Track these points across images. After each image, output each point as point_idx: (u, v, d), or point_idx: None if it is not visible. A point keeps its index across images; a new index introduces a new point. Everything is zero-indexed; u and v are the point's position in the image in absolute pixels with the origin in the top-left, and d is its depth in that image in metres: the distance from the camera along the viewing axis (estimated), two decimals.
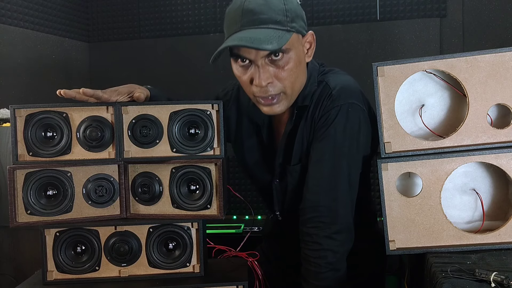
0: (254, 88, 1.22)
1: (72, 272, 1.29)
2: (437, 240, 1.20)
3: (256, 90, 1.22)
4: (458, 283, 0.96)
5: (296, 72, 1.22)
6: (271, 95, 1.22)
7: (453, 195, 1.27)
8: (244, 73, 1.23)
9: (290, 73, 1.21)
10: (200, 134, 1.29)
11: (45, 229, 1.27)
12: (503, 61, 1.18)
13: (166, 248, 1.30)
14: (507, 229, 1.17)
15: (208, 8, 2.68)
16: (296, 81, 1.24)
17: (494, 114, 1.24)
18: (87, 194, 1.30)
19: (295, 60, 1.21)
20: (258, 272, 1.44)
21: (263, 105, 1.25)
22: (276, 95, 1.22)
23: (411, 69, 1.21)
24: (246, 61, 1.21)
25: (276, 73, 1.20)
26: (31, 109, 1.26)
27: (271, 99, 1.23)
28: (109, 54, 2.81)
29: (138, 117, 1.29)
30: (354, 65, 2.47)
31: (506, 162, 1.17)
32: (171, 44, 2.73)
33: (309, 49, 1.28)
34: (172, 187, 1.30)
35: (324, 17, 2.54)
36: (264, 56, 1.18)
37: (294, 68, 1.22)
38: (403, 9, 2.44)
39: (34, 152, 1.27)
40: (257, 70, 1.19)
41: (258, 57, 1.18)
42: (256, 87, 1.21)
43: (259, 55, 1.17)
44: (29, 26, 2.34)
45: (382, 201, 1.21)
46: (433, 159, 1.19)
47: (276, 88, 1.22)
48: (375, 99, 1.22)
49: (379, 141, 1.23)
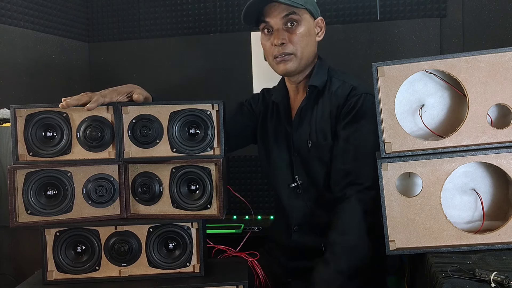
0: (273, 49, 1.51)
1: (72, 272, 1.29)
2: (437, 240, 1.20)
3: (275, 50, 1.50)
4: (458, 283, 0.96)
5: (305, 40, 1.51)
6: (285, 53, 1.49)
7: (453, 195, 1.27)
8: (268, 40, 1.53)
9: (301, 39, 1.50)
10: (200, 134, 1.29)
11: (45, 229, 1.27)
12: (503, 61, 1.18)
13: (166, 248, 1.30)
14: (507, 229, 1.17)
15: (208, 8, 2.68)
16: (305, 48, 1.52)
17: (494, 114, 1.24)
18: (87, 194, 1.30)
19: (305, 31, 1.51)
20: (258, 272, 1.44)
21: (278, 63, 1.52)
22: (288, 54, 1.50)
23: (411, 69, 1.21)
24: (270, 30, 1.51)
25: (290, 37, 1.49)
26: (32, 109, 1.26)
27: (285, 56, 1.50)
28: (109, 54, 2.81)
29: (138, 117, 1.29)
30: (354, 65, 2.47)
31: (506, 162, 1.17)
32: (171, 44, 2.73)
33: (320, 32, 1.59)
34: (172, 187, 1.30)
35: (324, 17, 2.53)
36: (282, 21, 1.48)
37: (305, 36, 1.50)
38: (403, 9, 2.44)
39: (35, 152, 1.27)
40: (276, 33, 1.49)
41: (277, 21, 1.48)
42: (275, 47, 1.50)
43: (278, 18, 1.48)
44: (29, 26, 2.34)
45: (382, 201, 1.21)
46: (433, 159, 1.19)
47: (289, 49, 1.49)
48: (375, 99, 1.22)
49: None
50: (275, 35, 1.49)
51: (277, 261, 1.66)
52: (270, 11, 1.48)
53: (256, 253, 1.46)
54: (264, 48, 1.57)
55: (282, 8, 1.47)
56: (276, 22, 1.49)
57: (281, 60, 1.50)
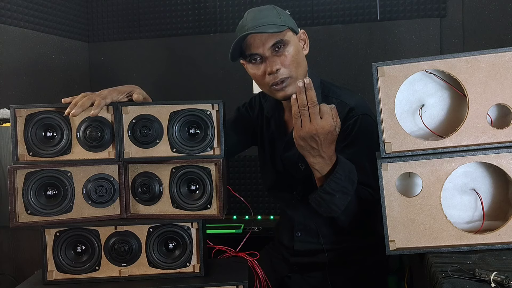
0: (267, 78, 1.46)
1: (72, 272, 1.29)
2: (437, 240, 1.20)
3: (270, 78, 1.45)
4: (458, 283, 0.96)
5: (297, 59, 1.47)
6: (281, 79, 1.45)
7: (453, 195, 1.27)
8: (258, 69, 1.48)
9: (293, 59, 1.45)
10: (200, 134, 1.29)
11: (45, 229, 1.27)
12: (503, 61, 1.18)
13: (166, 248, 1.30)
14: (507, 229, 1.17)
15: (208, 8, 2.68)
16: (298, 66, 1.48)
17: (494, 114, 1.24)
18: (87, 194, 1.30)
19: (294, 50, 1.47)
20: (258, 272, 1.44)
21: (277, 91, 1.47)
22: (285, 78, 1.45)
23: (411, 69, 1.21)
24: (257, 59, 1.46)
25: (282, 61, 1.44)
26: (31, 109, 1.27)
27: (282, 82, 1.45)
28: (109, 54, 2.81)
29: (138, 117, 1.29)
30: (354, 65, 2.47)
31: (506, 162, 1.17)
32: (171, 44, 2.73)
33: (305, 44, 1.55)
34: (172, 187, 1.30)
35: (324, 17, 2.54)
36: (270, 49, 1.44)
37: (295, 55, 1.46)
38: (403, 9, 2.44)
39: (34, 152, 1.27)
40: (267, 61, 1.45)
41: (265, 50, 1.43)
42: (269, 76, 1.45)
43: (266, 47, 1.43)
44: (29, 26, 2.34)
45: (382, 201, 1.21)
46: (433, 159, 1.19)
47: (284, 73, 1.45)
48: (375, 99, 1.22)
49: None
50: (268, 64, 1.44)
51: (280, 256, 1.68)
52: (255, 42, 1.43)
53: (256, 253, 1.46)
54: (255, 77, 1.51)
55: (266, 37, 1.42)
56: (264, 52, 1.44)
57: (280, 88, 1.46)
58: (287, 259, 1.65)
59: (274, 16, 1.45)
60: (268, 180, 1.71)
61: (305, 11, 2.57)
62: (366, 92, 1.38)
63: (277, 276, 1.65)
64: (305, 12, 2.57)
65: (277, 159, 1.65)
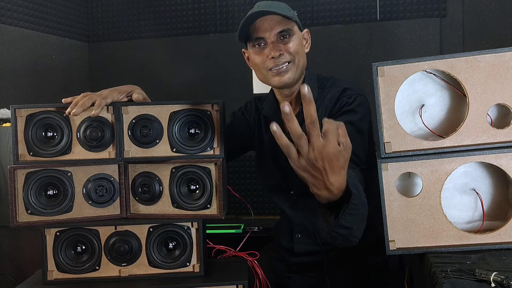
0: (268, 62, 1.48)
1: (72, 272, 1.29)
2: (437, 240, 1.20)
3: (270, 62, 1.48)
4: (458, 283, 0.96)
5: (300, 49, 1.52)
6: (282, 62, 1.47)
7: (453, 195, 1.27)
8: (260, 54, 1.50)
9: (296, 48, 1.49)
10: (200, 134, 1.29)
11: (45, 229, 1.27)
12: (503, 61, 1.18)
13: (166, 248, 1.30)
14: (507, 229, 1.17)
15: (208, 8, 2.68)
16: (301, 56, 1.51)
17: (494, 114, 1.24)
18: (87, 194, 1.30)
19: (298, 41, 1.51)
20: (258, 272, 1.44)
21: (274, 75, 1.49)
22: (286, 62, 1.48)
23: (411, 69, 1.21)
24: (262, 44, 1.49)
25: (285, 47, 1.48)
26: (32, 109, 1.27)
27: (281, 66, 1.48)
28: (109, 54, 2.82)
29: (138, 117, 1.29)
30: (354, 65, 2.47)
31: (506, 162, 1.17)
32: (171, 44, 2.73)
33: (307, 43, 1.59)
34: (172, 187, 1.30)
35: (324, 17, 2.54)
36: (276, 35, 1.47)
37: (299, 45, 1.51)
38: (403, 9, 2.44)
39: (35, 152, 1.27)
40: (270, 46, 1.47)
41: (272, 35, 1.47)
42: (270, 60, 1.47)
43: (273, 33, 1.47)
44: (29, 26, 2.34)
45: (382, 201, 1.21)
46: (433, 159, 1.19)
47: (286, 58, 1.48)
48: (375, 99, 1.22)
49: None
50: (271, 48, 1.47)
51: (279, 256, 1.68)
52: (263, 26, 1.46)
53: (256, 253, 1.46)
54: (255, 62, 1.53)
55: (275, 23, 1.46)
56: (271, 36, 1.47)
57: (277, 72, 1.48)
58: (287, 259, 1.65)
59: (285, 8, 1.51)
60: (268, 180, 1.71)
61: (305, 11, 2.57)
62: (366, 92, 1.38)
63: (276, 276, 1.65)
64: (305, 12, 2.57)
65: (280, 155, 1.62)
